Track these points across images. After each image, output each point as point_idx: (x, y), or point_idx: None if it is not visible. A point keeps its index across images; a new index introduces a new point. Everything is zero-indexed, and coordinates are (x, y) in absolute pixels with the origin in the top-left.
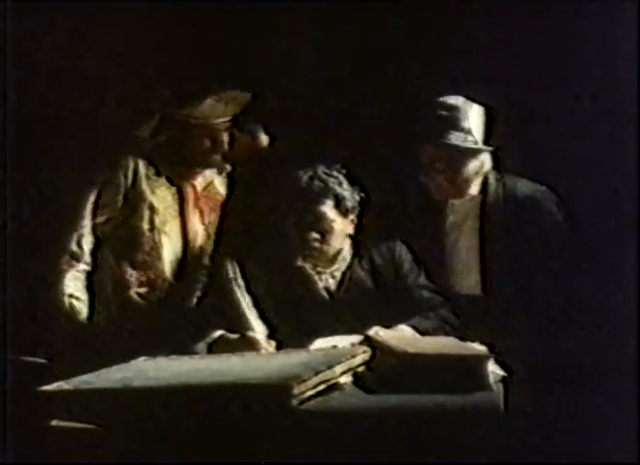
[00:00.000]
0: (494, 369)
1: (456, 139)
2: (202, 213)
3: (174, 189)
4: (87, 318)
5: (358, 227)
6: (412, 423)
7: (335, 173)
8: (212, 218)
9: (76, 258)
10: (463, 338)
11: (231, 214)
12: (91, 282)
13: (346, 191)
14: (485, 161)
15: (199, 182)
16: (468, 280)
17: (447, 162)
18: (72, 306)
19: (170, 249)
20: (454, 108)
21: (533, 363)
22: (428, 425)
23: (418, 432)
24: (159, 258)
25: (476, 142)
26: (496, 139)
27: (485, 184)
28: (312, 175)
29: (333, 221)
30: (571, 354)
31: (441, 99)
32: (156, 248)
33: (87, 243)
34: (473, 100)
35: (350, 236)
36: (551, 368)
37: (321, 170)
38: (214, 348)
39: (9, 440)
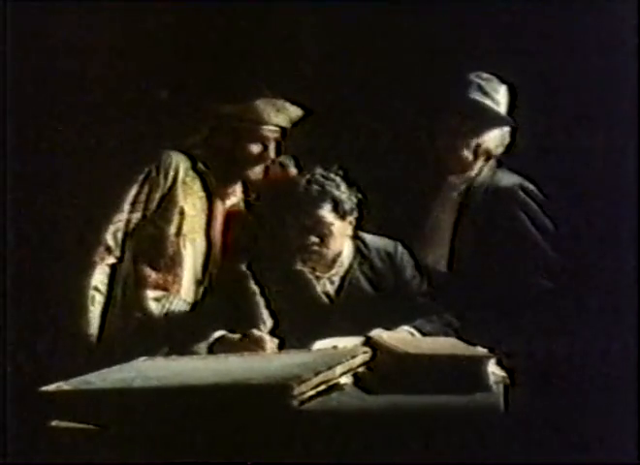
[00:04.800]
0: (494, 370)
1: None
2: (226, 226)
3: (204, 198)
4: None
5: (356, 228)
6: (412, 424)
7: (332, 176)
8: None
9: (109, 251)
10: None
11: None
12: (114, 275)
13: (344, 193)
14: (506, 138)
15: (230, 201)
16: (437, 254)
17: (475, 123)
18: (93, 299)
19: (192, 256)
20: (489, 80)
21: (533, 364)
22: (428, 426)
23: (418, 432)
24: (180, 263)
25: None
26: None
27: (480, 170)
28: (310, 179)
29: (331, 224)
30: (571, 355)
31: (477, 73)
32: (179, 253)
33: (121, 237)
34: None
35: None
36: (551, 369)
37: (318, 173)
38: (215, 348)
39: (9, 440)
